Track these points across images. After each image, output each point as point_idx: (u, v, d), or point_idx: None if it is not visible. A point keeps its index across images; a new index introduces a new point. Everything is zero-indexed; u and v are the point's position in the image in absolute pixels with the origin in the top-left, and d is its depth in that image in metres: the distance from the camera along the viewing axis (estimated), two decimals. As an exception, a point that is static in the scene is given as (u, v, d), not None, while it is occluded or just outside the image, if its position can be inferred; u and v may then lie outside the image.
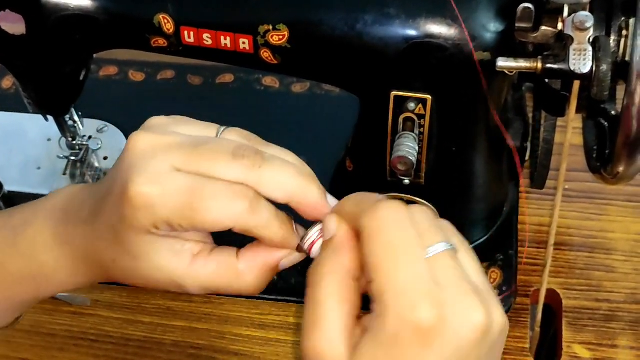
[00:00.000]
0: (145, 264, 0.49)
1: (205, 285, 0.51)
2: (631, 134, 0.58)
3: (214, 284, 0.51)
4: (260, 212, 0.49)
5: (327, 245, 0.47)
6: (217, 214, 0.47)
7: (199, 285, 0.50)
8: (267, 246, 0.51)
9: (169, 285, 0.50)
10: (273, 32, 0.61)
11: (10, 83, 0.91)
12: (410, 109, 0.63)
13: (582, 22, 0.54)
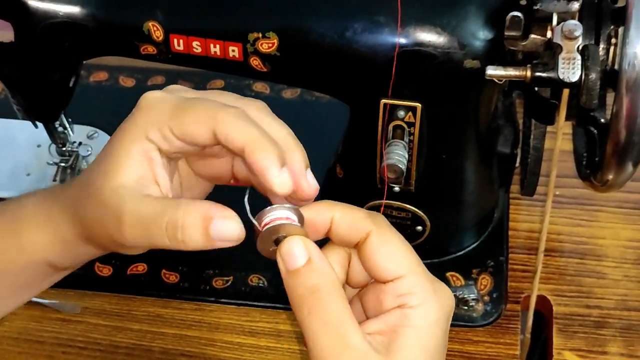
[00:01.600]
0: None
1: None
2: (620, 142, 0.58)
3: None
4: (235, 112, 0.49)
5: (308, 270, 0.46)
6: (201, 111, 0.49)
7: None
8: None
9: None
10: (262, 40, 0.62)
11: (0, 88, 0.91)
12: (400, 117, 0.63)
13: (570, 30, 0.55)
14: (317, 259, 0.47)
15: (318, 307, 0.46)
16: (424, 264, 0.74)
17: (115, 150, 0.50)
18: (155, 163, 0.50)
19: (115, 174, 0.50)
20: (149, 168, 0.50)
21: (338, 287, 0.46)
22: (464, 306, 0.74)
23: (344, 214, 0.49)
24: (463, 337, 0.73)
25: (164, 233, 0.48)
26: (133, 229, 0.49)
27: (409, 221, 0.72)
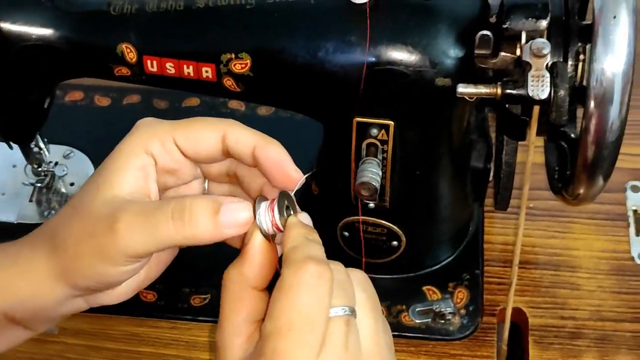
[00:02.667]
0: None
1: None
2: (590, 157, 0.59)
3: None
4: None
5: (240, 253, 0.49)
6: (209, 120, 0.51)
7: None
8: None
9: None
10: (235, 60, 0.62)
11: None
12: (373, 135, 0.64)
13: (539, 48, 0.55)
14: (247, 250, 0.49)
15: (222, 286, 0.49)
16: (401, 279, 0.75)
17: (108, 167, 0.50)
18: (151, 178, 0.51)
19: (108, 187, 0.50)
20: (144, 182, 0.51)
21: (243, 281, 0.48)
22: (441, 320, 0.74)
23: (289, 249, 0.48)
24: (440, 350, 0.73)
25: (169, 217, 0.48)
26: (131, 225, 0.48)
27: (385, 236, 0.72)
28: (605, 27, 0.56)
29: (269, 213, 0.49)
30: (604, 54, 0.56)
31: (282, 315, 0.45)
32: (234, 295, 0.48)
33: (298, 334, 0.44)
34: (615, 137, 0.57)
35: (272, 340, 0.45)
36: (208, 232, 0.48)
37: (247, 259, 0.48)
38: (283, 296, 0.45)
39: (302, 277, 0.45)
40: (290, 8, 0.61)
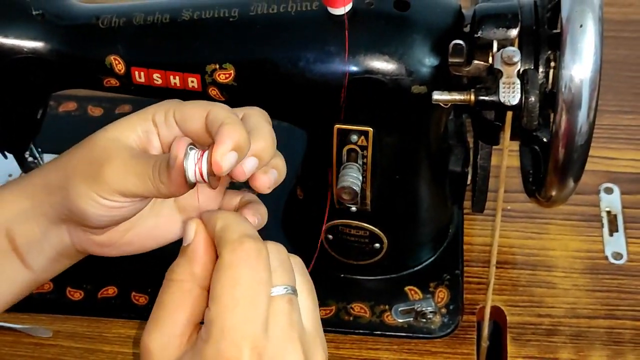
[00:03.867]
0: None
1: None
2: (560, 160, 0.60)
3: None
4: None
5: (182, 251, 0.48)
6: (200, 103, 0.51)
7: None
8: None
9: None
10: (220, 70, 0.62)
11: (-29, 121, 0.90)
12: (353, 141, 0.64)
13: (509, 57, 0.56)
14: (193, 248, 0.48)
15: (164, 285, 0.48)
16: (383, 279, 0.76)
17: (121, 122, 0.52)
18: (152, 145, 0.52)
19: (114, 130, 0.52)
20: (146, 144, 0.52)
21: (192, 281, 0.47)
22: (422, 318, 0.74)
23: (220, 229, 0.48)
24: (422, 348, 0.73)
25: (151, 171, 0.49)
26: (123, 164, 0.50)
27: (367, 239, 0.73)
28: (573, 36, 0.57)
29: (198, 162, 0.48)
30: (572, 61, 0.57)
31: (225, 294, 0.44)
32: (181, 295, 0.47)
33: (243, 309, 0.44)
34: (584, 140, 0.58)
35: (219, 320, 0.44)
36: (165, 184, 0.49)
37: (197, 258, 0.48)
38: (223, 275, 0.45)
39: (240, 255, 0.45)
40: (272, 20, 0.62)
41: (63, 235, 0.56)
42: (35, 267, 0.56)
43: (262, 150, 0.50)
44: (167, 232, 0.56)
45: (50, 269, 0.58)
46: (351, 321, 0.75)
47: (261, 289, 0.45)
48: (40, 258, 0.56)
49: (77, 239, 0.56)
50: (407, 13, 0.61)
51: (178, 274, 0.47)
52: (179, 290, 0.47)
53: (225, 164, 0.47)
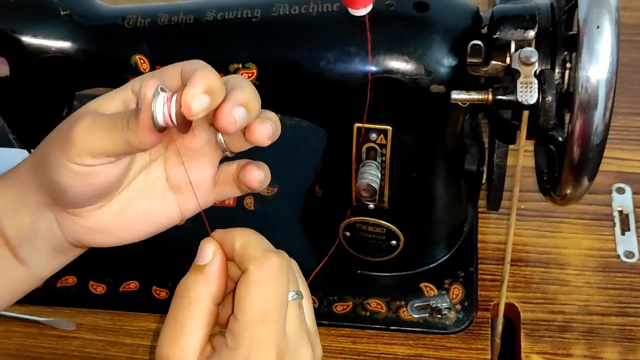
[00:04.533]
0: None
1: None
2: (576, 159, 0.60)
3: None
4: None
5: (199, 270, 0.49)
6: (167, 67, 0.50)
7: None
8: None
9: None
10: (242, 70, 0.63)
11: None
12: (372, 139, 0.65)
13: (527, 57, 0.56)
14: (212, 269, 0.49)
15: (181, 302, 0.48)
16: (399, 276, 0.76)
17: (99, 97, 0.51)
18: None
19: (93, 103, 0.51)
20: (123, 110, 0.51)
21: (209, 299, 0.48)
22: (438, 314, 0.74)
23: (242, 245, 0.49)
24: (437, 343, 0.74)
25: (124, 120, 0.47)
26: (92, 122, 0.48)
27: (384, 236, 0.73)
28: (590, 37, 0.57)
29: (167, 102, 0.46)
30: (589, 62, 0.57)
31: (255, 308, 0.46)
32: (200, 313, 0.48)
33: (271, 322, 0.47)
34: (600, 140, 0.58)
35: (249, 332, 0.46)
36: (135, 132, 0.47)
37: (215, 278, 0.48)
38: (252, 290, 0.47)
39: (267, 270, 0.47)
40: (294, 20, 0.62)
41: (53, 226, 0.54)
42: (30, 262, 0.55)
43: (247, 99, 0.48)
44: (162, 216, 0.55)
45: (46, 266, 0.56)
46: (368, 316, 0.75)
47: (284, 300, 0.48)
48: (34, 253, 0.55)
49: (66, 227, 0.54)
50: (426, 14, 0.61)
51: (195, 292, 0.48)
52: (197, 308, 0.48)
53: (195, 105, 0.45)
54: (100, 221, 0.54)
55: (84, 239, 0.54)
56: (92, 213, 0.53)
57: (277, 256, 0.48)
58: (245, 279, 0.47)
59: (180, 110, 0.45)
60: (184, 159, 0.53)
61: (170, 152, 0.54)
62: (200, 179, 0.54)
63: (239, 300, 0.47)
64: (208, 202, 0.56)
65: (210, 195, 0.55)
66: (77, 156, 0.48)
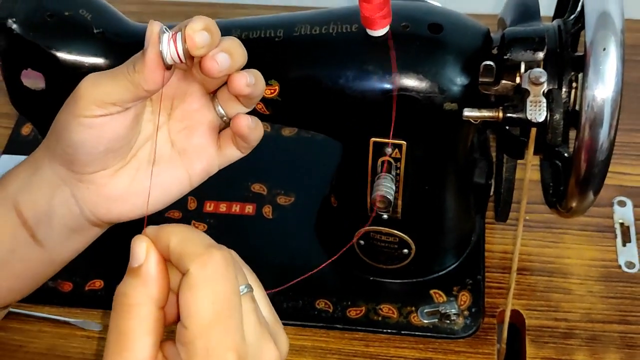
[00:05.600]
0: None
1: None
2: (582, 174, 0.60)
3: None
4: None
5: (134, 273, 0.42)
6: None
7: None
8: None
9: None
10: (266, 86, 0.63)
11: (29, 130, 0.92)
12: (387, 153, 0.65)
13: (537, 77, 0.56)
14: (148, 269, 0.42)
15: (120, 310, 0.42)
16: (410, 283, 0.76)
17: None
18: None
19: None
20: None
21: (151, 303, 0.42)
22: (446, 320, 0.74)
23: (178, 243, 0.42)
24: (446, 347, 0.74)
25: (125, 68, 0.48)
26: (97, 77, 0.49)
27: (396, 245, 0.73)
28: (596, 59, 0.57)
29: (172, 39, 0.48)
30: (595, 82, 0.57)
31: (204, 313, 0.40)
32: (142, 320, 0.42)
33: (225, 322, 0.41)
34: (605, 156, 0.58)
35: (202, 340, 0.40)
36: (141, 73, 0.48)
37: (152, 280, 0.42)
38: (198, 292, 0.40)
39: (213, 268, 0.41)
40: (314, 40, 0.62)
41: (69, 201, 0.53)
42: (47, 244, 0.53)
43: (231, 47, 0.50)
44: (172, 182, 0.55)
45: (63, 248, 0.54)
46: (380, 321, 0.75)
47: (237, 297, 0.42)
48: (50, 233, 0.53)
49: (82, 200, 0.52)
50: (440, 35, 0.61)
51: (134, 298, 0.42)
52: (139, 315, 0.42)
53: (198, 39, 0.47)
54: (115, 188, 0.53)
55: (100, 210, 0.54)
56: (107, 180, 0.53)
57: (219, 251, 0.41)
58: (188, 281, 0.41)
59: (186, 45, 0.47)
60: (186, 124, 0.54)
61: (174, 120, 0.55)
62: (203, 144, 0.54)
63: (185, 306, 0.41)
64: (214, 166, 0.56)
65: (215, 159, 0.56)
66: (85, 109, 0.49)
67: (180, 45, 0.47)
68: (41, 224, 0.54)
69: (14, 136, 0.92)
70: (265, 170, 0.85)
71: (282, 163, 0.86)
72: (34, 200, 0.53)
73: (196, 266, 0.41)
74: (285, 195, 0.83)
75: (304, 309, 0.75)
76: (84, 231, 0.55)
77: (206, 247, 0.41)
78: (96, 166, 0.52)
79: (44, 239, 0.54)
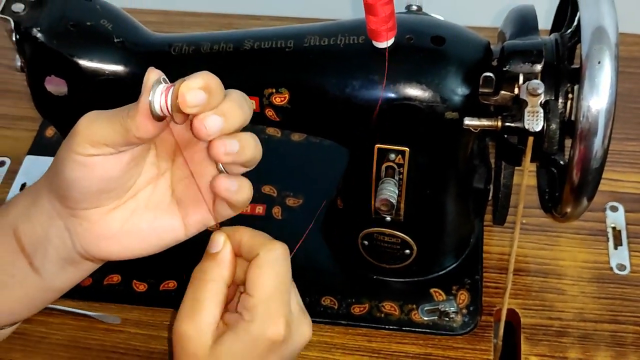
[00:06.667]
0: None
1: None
2: (576, 181, 0.59)
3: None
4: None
5: (212, 257, 0.51)
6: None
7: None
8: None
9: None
10: (276, 94, 0.63)
11: (53, 132, 0.91)
12: (391, 159, 0.64)
13: (534, 88, 0.56)
14: (224, 255, 0.51)
15: (198, 284, 0.50)
16: (412, 282, 0.75)
17: None
18: None
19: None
20: None
21: (222, 281, 0.50)
22: (446, 317, 0.74)
23: (250, 237, 0.51)
24: (445, 344, 0.73)
25: (121, 112, 0.46)
26: (94, 117, 0.47)
27: (399, 246, 0.72)
28: (591, 72, 0.56)
29: (165, 91, 0.44)
30: (590, 94, 0.56)
31: (267, 285, 0.49)
32: (215, 293, 0.50)
33: (281, 296, 0.50)
34: (599, 164, 0.58)
35: (263, 306, 0.49)
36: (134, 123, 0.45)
37: (227, 263, 0.50)
38: (266, 270, 0.49)
39: (276, 253, 0.50)
40: (323, 51, 0.62)
41: (63, 234, 0.51)
42: (43, 271, 0.52)
43: (230, 109, 0.45)
44: (167, 230, 0.52)
45: (57, 278, 0.53)
46: (382, 318, 0.74)
47: (289, 280, 0.51)
48: (46, 262, 0.52)
49: (75, 235, 0.51)
50: (442, 47, 0.61)
51: (210, 275, 0.50)
52: (213, 288, 0.50)
53: (189, 97, 0.43)
54: (107, 227, 0.51)
55: (91, 246, 0.51)
56: (100, 217, 0.50)
57: (280, 243, 0.51)
58: (257, 261, 0.49)
59: (176, 100, 0.42)
60: (187, 173, 0.51)
61: (176, 167, 0.52)
62: (200, 197, 0.51)
63: (253, 279, 0.49)
64: (209, 220, 0.52)
65: (210, 214, 0.52)
66: (79, 146, 0.47)
67: (171, 98, 0.43)
68: (38, 252, 0.52)
69: (38, 138, 0.91)
70: (276, 173, 0.84)
71: (291, 167, 0.86)
72: (32, 229, 0.52)
73: (264, 251, 0.50)
74: (294, 197, 0.83)
75: (310, 306, 0.75)
76: (77, 264, 0.53)
77: (271, 239, 0.51)
78: (89, 204, 0.50)
79: (41, 267, 0.53)
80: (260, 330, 0.49)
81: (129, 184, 0.51)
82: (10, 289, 0.53)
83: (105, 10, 0.65)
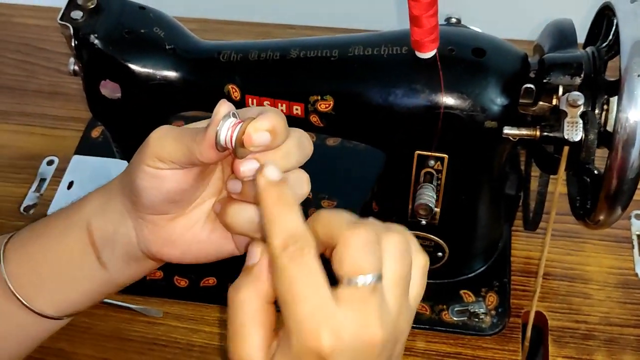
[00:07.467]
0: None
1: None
2: (612, 190, 0.58)
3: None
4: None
5: (248, 271, 0.44)
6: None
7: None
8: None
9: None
10: (321, 101, 0.62)
11: (99, 133, 0.91)
12: (430, 165, 0.64)
13: (574, 100, 0.55)
14: (260, 268, 0.43)
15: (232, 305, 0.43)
16: (443, 283, 0.75)
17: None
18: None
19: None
20: None
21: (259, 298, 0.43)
22: (475, 318, 0.73)
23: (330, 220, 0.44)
24: (474, 344, 0.72)
25: (194, 135, 0.45)
26: (165, 133, 0.47)
27: (432, 248, 0.72)
28: (630, 84, 0.55)
29: (233, 126, 0.43)
30: (628, 106, 0.55)
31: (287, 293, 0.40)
32: (255, 313, 0.42)
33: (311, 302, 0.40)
34: (635, 174, 0.57)
35: (291, 323, 0.40)
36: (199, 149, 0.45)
37: (264, 277, 0.43)
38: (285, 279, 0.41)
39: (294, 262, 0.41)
40: (367, 60, 0.61)
41: (130, 233, 0.52)
42: (109, 266, 0.53)
43: (290, 149, 0.45)
44: (223, 243, 0.51)
45: (121, 273, 0.54)
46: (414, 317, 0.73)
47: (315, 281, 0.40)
48: (112, 257, 0.53)
49: (141, 235, 0.51)
50: (482, 59, 0.60)
51: (244, 294, 0.43)
52: (250, 309, 0.42)
53: (255, 137, 0.43)
54: (170, 233, 0.51)
55: (153, 248, 0.52)
56: (165, 224, 0.51)
57: (364, 227, 0.41)
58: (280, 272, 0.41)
59: (241, 137, 0.43)
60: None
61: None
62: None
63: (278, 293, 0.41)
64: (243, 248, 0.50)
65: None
66: (149, 159, 0.47)
67: (237, 134, 0.43)
68: (106, 247, 0.52)
69: (84, 139, 0.91)
70: (311, 176, 0.83)
71: (326, 170, 0.85)
72: (104, 225, 0.52)
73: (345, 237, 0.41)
74: (329, 200, 0.82)
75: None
76: (140, 261, 0.53)
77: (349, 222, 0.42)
78: (155, 211, 0.50)
79: (108, 262, 0.53)
80: (299, 346, 0.40)
81: (196, 196, 0.51)
82: (78, 281, 0.54)
83: (157, 19, 0.65)
